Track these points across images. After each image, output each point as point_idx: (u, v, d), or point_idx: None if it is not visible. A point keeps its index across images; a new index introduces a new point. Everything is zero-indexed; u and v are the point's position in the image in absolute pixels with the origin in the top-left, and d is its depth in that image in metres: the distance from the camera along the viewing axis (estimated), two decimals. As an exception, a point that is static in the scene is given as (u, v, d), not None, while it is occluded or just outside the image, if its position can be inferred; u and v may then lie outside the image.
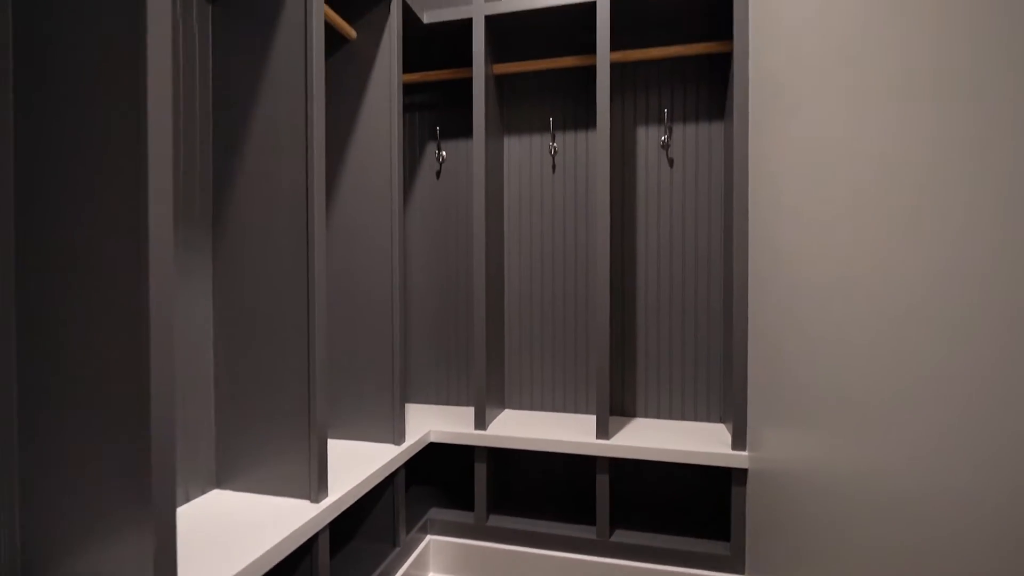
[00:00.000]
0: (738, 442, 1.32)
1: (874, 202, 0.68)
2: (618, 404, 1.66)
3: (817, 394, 0.86)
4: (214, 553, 0.86)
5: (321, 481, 1.05)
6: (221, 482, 1.11)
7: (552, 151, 1.70)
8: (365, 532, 1.40)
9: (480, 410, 1.51)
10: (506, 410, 1.74)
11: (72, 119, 0.69)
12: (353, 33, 1.35)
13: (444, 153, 1.80)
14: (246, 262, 1.08)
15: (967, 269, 0.49)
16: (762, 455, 1.18)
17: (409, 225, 1.84)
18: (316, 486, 1.04)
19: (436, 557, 1.54)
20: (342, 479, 1.15)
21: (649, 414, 1.64)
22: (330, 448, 1.36)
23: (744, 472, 1.32)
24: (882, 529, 0.65)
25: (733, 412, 1.33)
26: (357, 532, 1.41)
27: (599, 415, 1.42)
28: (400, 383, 1.38)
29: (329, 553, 1.13)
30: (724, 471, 1.57)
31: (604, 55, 1.38)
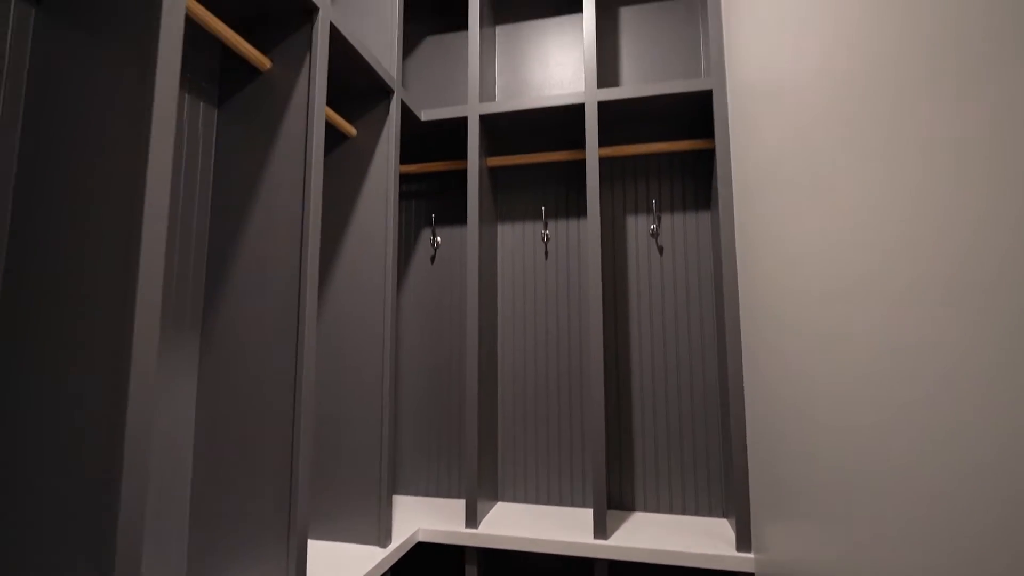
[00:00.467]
0: (742, 542, 1.25)
1: (859, 286, 0.68)
2: (616, 496, 1.59)
3: (822, 488, 0.83)
4: None
5: (298, 595, 0.97)
6: (190, 595, 1.03)
7: (545, 238, 1.73)
8: (344, 647, 1.28)
9: (471, 505, 1.43)
10: (499, 503, 1.66)
11: (66, 219, 0.70)
12: (353, 131, 1.41)
13: (439, 239, 1.83)
14: (233, 358, 1.06)
15: (967, 362, 0.48)
16: (769, 557, 1.12)
17: (402, 310, 1.84)
18: (292, 601, 0.96)
19: (421, 674, 1.40)
20: (321, 590, 1.07)
21: (648, 507, 1.56)
22: (310, 551, 1.27)
23: (751, 577, 1.24)
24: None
25: (736, 507, 1.27)
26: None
27: (596, 511, 1.35)
28: (388, 478, 1.32)
29: (303, 677, 1.03)
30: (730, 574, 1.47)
31: (593, 151, 1.45)
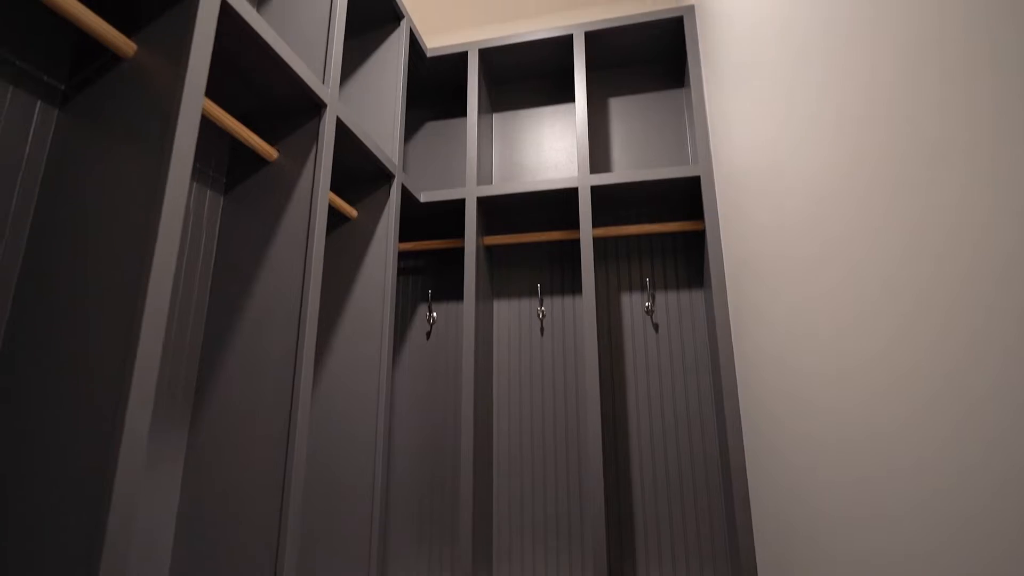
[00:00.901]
0: (756, 643, 1.17)
1: (859, 368, 0.68)
2: (618, 588, 1.50)
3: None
4: None
5: None
6: None
7: (540, 315, 1.74)
8: None
9: (465, 601, 1.34)
10: (494, 596, 1.56)
11: (67, 296, 0.70)
12: (354, 213, 1.45)
13: (435, 315, 1.84)
14: (223, 441, 1.03)
15: (968, 419, 0.47)
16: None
17: (396, 386, 1.81)
18: None
19: None
20: None
21: (653, 601, 1.47)
22: (291, 657, 1.18)
23: None
24: None
25: (746, 603, 1.20)
26: None
27: (598, 608, 1.27)
28: (378, 561, 1.24)
29: None
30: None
31: (587, 232, 1.49)
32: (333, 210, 1.48)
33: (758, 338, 1.13)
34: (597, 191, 1.59)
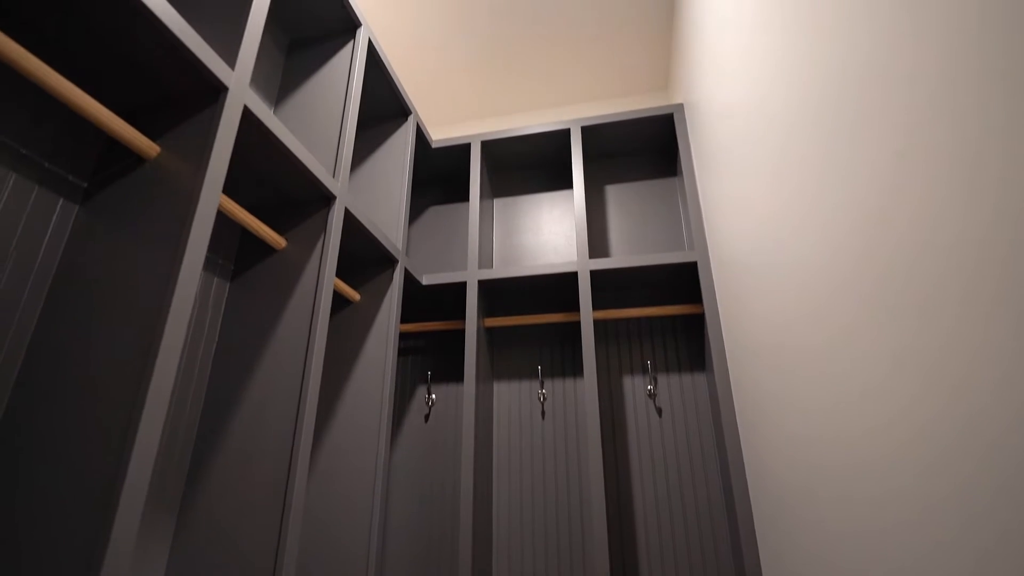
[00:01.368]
0: None
1: (864, 446, 0.66)
2: None
3: None
4: None
5: None
6: None
7: (541, 397, 1.72)
8: None
9: None
10: None
11: (72, 379, 0.69)
12: (357, 297, 1.47)
13: (434, 396, 1.81)
14: (216, 522, 0.98)
15: (983, 509, 0.45)
16: None
17: (394, 469, 1.75)
18: None
19: None
20: None
21: None
22: None
23: None
24: None
25: None
26: None
27: None
28: None
29: None
30: None
31: (587, 315, 1.50)
32: (336, 294, 1.50)
33: (765, 426, 1.11)
34: (596, 275, 1.62)
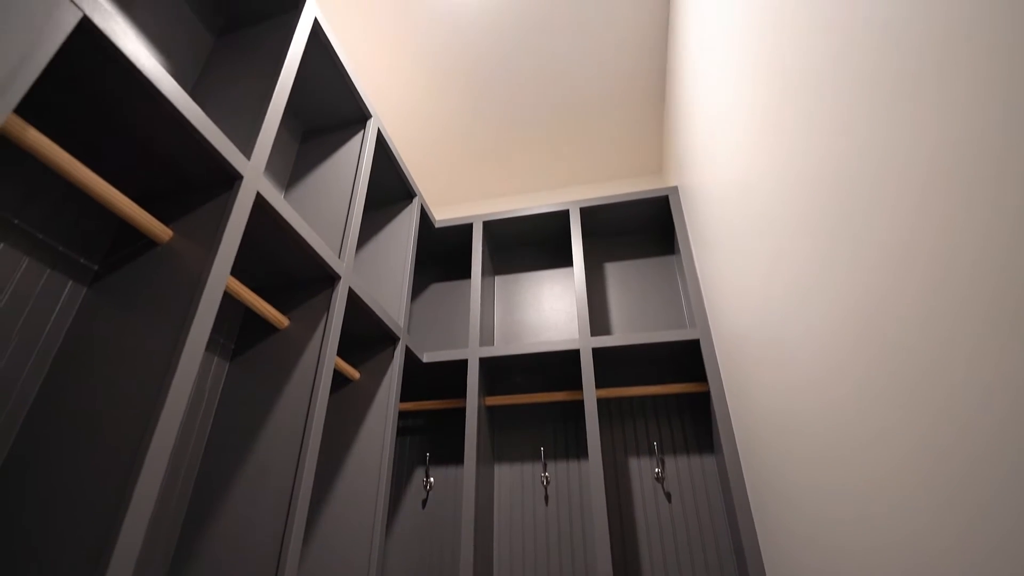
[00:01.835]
0: None
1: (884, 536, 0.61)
2: None
3: None
4: None
5: None
6: None
7: (544, 481, 1.65)
8: None
9: None
10: None
11: (68, 454, 0.66)
12: (357, 375, 1.45)
13: (432, 480, 1.74)
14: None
15: None
16: None
17: (388, 560, 1.64)
18: None
19: None
20: None
21: None
22: None
23: None
24: None
25: None
26: None
27: None
28: None
29: None
30: None
31: (591, 394, 1.47)
32: (336, 372, 1.48)
33: (780, 511, 1.06)
34: (599, 353, 1.61)
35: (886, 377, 0.63)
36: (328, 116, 1.52)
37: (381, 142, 1.59)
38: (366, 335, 1.48)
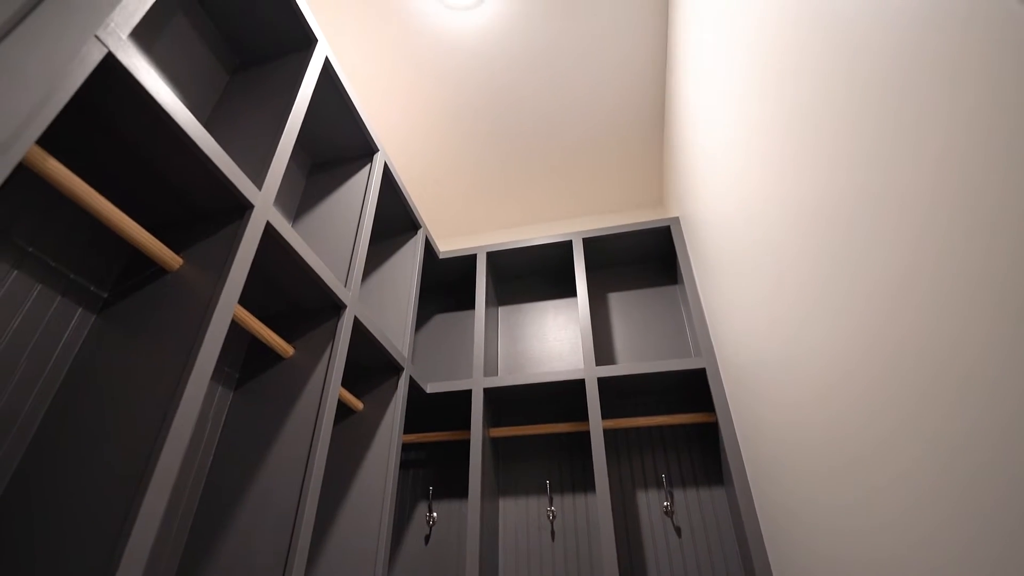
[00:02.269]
0: None
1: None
2: None
3: None
4: None
5: None
6: None
7: (550, 516, 1.61)
8: None
9: None
10: None
11: (71, 478, 0.65)
12: (360, 406, 1.44)
13: (435, 515, 1.70)
14: None
15: None
16: None
17: (388, 604, 1.59)
18: None
19: None
20: None
21: None
22: None
23: None
24: None
25: None
26: None
27: None
28: None
29: None
30: None
31: (597, 425, 1.45)
32: (339, 403, 1.47)
33: (796, 538, 1.03)
34: (604, 383, 1.59)
35: (892, 390, 0.62)
36: (336, 150, 1.55)
37: (387, 175, 1.62)
38: (370, 365, 1.48)
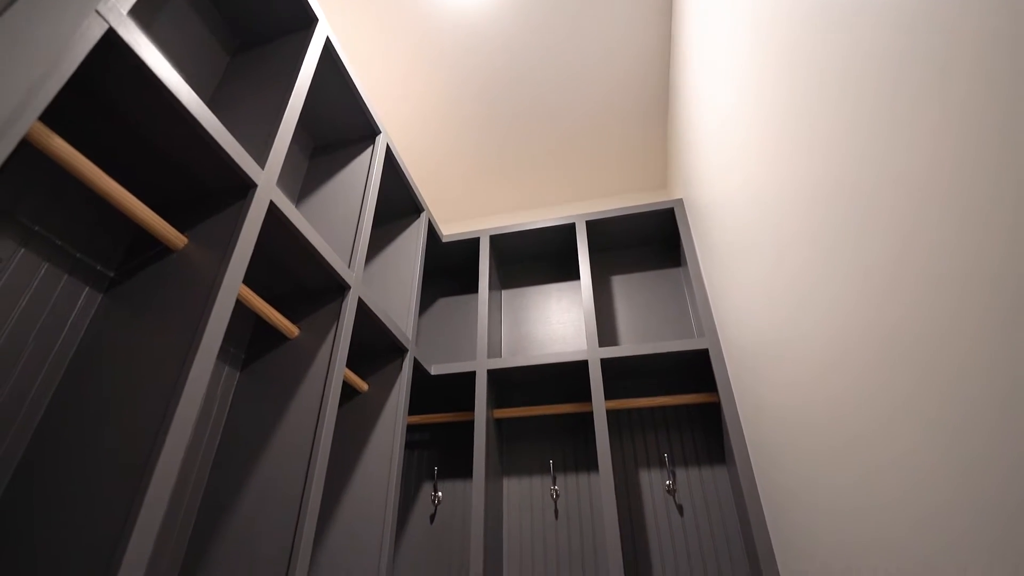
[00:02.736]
0: None
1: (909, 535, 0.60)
2: None
3: None
4: None
5: None
6: None
7: (554, 495, 1.63)
8: None
9: None
10: None
11: (77, 460, 0.66)
12: (365, 387, 1.45)
13: (440, 494, 1.72)
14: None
15: None
16: None
17: (397, 574, 1.61)
18: None
19: None
20: None
21: None
22: None
23: None
24: None
25: None
26: None
27: None
28: None
29: None
30: None
31: (600, 405, 1.46)
32: (344, 384, 1.48)
33: (798, 525, 1.04)
34: (607, 364, 1.60)
35: (889, 371, 0.63)
36: (338, 132, 1.55)
37: (390, 157, 1.61)
38: (375, 346, 1.49)
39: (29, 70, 0.57)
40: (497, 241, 2.00)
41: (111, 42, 0.67)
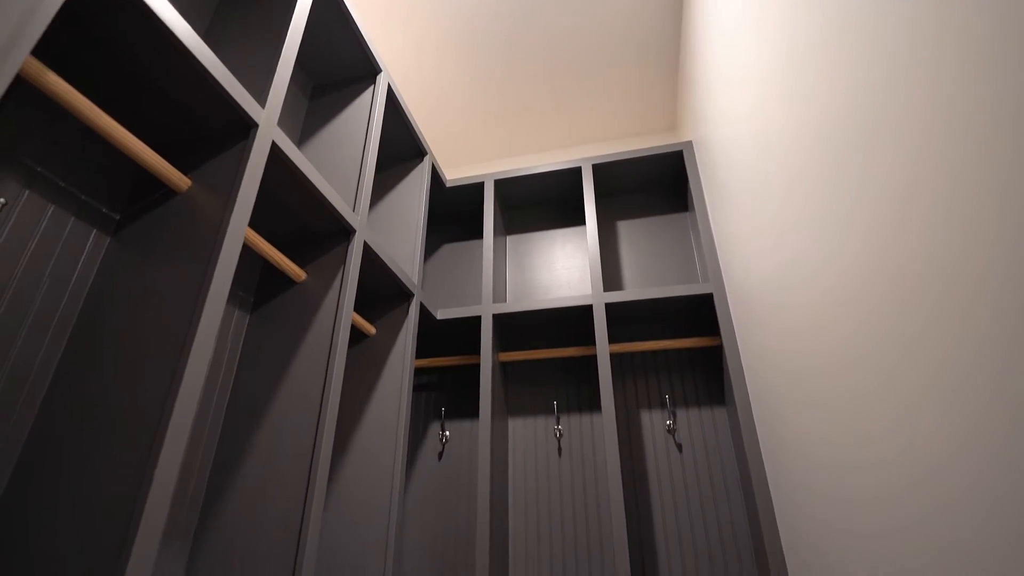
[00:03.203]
0: None
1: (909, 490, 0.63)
2: None
3: None
4: None
5: None
6: None
7: (557, 434, 1.69)
8: None
9: None
10: None
11: (92, 407, 0.69)
12: (373, 331, 1.48)
13: (448, 433, 1.78)
14: (225, 570, 0.95)
15: None
16: None
17: (407, 508, 1.70)
18: None
19: None
20: None
21: None
22: None
23: None
24: None
25: None
26: None
27: None
28: None
29: None
30: None
31: (604, 349, 1.49)
32: (352, 327, 1.50)
33: (792, 459, 1.08)
34: (611, 308, 1.62)
35: (893, 321, 0.63)
36: (338, 70, 1.50)
37: (392, 97, 1.57)
38: (381, 291, 1.50)
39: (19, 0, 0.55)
40: (502, 186, 1.97)
41: (99, -31, 0.64)
